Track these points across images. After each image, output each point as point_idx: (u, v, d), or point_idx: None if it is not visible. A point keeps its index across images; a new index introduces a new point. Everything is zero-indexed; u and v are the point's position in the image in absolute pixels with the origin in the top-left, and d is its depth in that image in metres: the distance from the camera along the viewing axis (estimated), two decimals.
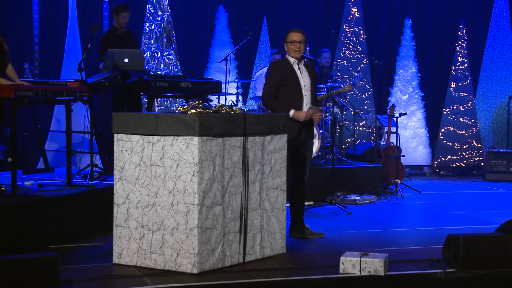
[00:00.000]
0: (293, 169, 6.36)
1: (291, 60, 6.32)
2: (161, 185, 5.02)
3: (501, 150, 11.52)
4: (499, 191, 10.12)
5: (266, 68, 10.34)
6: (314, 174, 8.69)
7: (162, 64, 10.71)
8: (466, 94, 12.21)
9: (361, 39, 11.99)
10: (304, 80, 6.29)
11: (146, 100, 8.23)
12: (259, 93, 9.95)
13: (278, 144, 5.59)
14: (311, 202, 8.48)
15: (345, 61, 11.94)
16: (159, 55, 10.71)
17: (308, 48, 8.78)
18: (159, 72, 10.41)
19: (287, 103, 6.19)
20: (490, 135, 12.43)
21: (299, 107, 6.22)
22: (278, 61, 6.47)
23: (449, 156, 12.09)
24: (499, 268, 5.10)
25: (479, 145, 12.13)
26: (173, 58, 10.73)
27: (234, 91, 10.47)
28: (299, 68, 6.29)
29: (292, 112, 6.15)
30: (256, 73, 10.84)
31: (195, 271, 4.90)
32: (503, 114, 12.20)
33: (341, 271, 4.97)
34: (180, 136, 4.94)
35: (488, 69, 12.45)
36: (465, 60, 12.26)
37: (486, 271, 5.06)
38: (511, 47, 12.38)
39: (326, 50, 10.68)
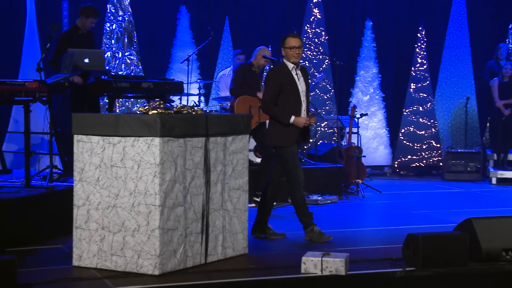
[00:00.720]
0: (273, 170, 6.38)
1: (290, 66, 6.29)
2: (122, 186, 4.98)
3: (459, 150, 11.71)
4: (457, 191, 10.29)
5: (229, 69, 10.35)
6: None
7: (123, 65, 10.63)
8: (425, 95, 12.38)
9: (322, 40, 12.08)
10: (301, 86, 6.30)
11: (107, 101, 8.15)
12: (222, 93, 9.95)
13: (240, 144, 5.60)
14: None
15: (307, 62, 12.00)
16: (120, 55, 10.63)
17: (270, 49, 8.83)
18: (120, 73, 10.32)
19: (286, 110, 6.20)
20: (448, 135, 12.63)
21: (297, 113, 6.24)
22: (278, 68, 6.37)
23: (409, 156, 12.25)
24: (457, 266, 5.19)
25: (438, 145, 12.31)
26: (135, 58, 10.65)
27: (196, 91, 10.44)
28: (296, 74, 6.29)
29: (293, 119, 6.17)
30: (218, 73, 10.83)
31: (156, 272, 4.87)
32: (461, 115, 12.41)
33: (302, 271, 5.00)
34: (141, 137, 4.91)
35: (446, 70, 12.65)
36: (425, 62, 12.43)
37: (445, 270, 5.13)
38: (469, 49, 12.60)
39: None
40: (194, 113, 5.25)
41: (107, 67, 9.55)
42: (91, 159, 5.09)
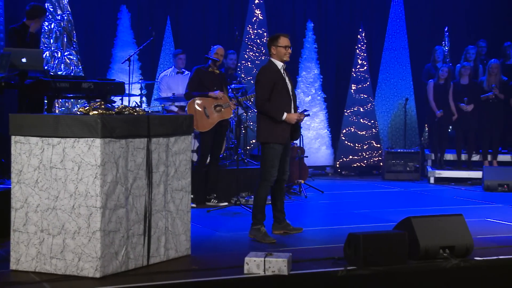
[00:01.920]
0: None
1: (279, 64, 6.41)
2: (62, 188, 4.89)
3: (399, 150, 11.94)
4: (397, 190, 10.49)
5: (170, 69, 10.29)
6: (219, 175, 8.72)
7: (62, 65, 10.44)
8: (366, 96, 12.57)
9: (264, 41, 12.12)
10: (289, 84, 6.45)
11: (46, 101, 7.98)
12: (164, 94, 9.88)
13: (182, 145, 5.57)
14: (217, 202, 8.50)
15: (249, 63, 12.04)
16: (59, 55, 10.43)
17: (211, 49, 8.82)
18: (59, 73, 10.13)
19: (278, 107, 6.33)
20: (388, 135, 12.86)
21: (288, 111, 6.38)
22: (268, 66, 6.46)
23: (350, 157, 12.41)
24: (396, 264, 5.28)
25: (378, 145, 12.52)
26: (74, 58, 10.48)
27: (138, 92, 10.34)
28: (283, 73, 6.41)
29: (285, 115, 6.31)
30: (160, 74, 10.75)
31: (97, 275, 4.81)
32: (400, 115, 12.65)
33: (245, 271, 5.01)
34: (81, 138, 4.84)
35: (386, 72, 12.87)
36: (365, 63, 12.63)
37: (385, 268, 5.23)
38: (407, 51, 12.86)
39: (232, 51, 10.74)
40: (135, 113, 5.20)
41: (45, 67, 9.35)
42: (30, 160, 4.98)
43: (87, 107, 5.00)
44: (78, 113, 5.03)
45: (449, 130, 11.80)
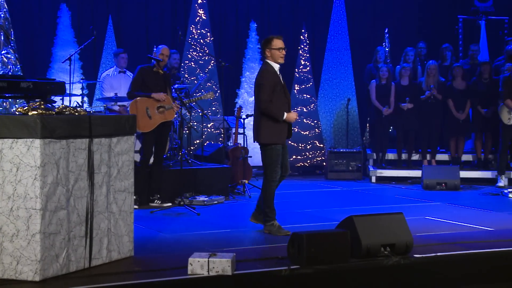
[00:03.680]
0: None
1: (276, 66, 6.67)
2: None
3: (341, 150, 12.07)
4: (339, 189, 10.61)
5: (112, 69, 10.15)
6: (162, 176, 8.65)
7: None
8: (309, 96, 12.69)
9: (208, 41, 12.11)
10: (284, 85, 6.72)
11: None
12: (107, 94, 9.75)
13: (125, 146, 5.50)
14: (160, 203, 8.44)
15: (192, 63, 12.00)
16: None
17: (155, 49, 8.76)
18: None
19: (279, 108, 6.59)
20: (331, 135, 13.00)
21: (287, 110, 6.67)
22: (267, 69, 6.66)
23: (293, 156, 12.50)
24: (339, 263, 5.35)
25: (322, 145, 12.65)
26: (12, 57, 10.24)
27: (79, 92, 10.18)
28: (279, 74, 6.65)
29: (285, 115, 6.61)
30: (102, 74, 10.60)
31: (37, 278, 4.71)
32: (343, 115, 12.81)
33: (189, 272, 4.99)
34: (20, 138, 4.73)
35: (328, 72, 13.01)
36: (308, 63, 12.74)
37: (327, 266, 5.28)
38: (349, 52, 13.03)
39: (174, 51, 10.68)
40: (77, 114, 5.12)
41: None
42: None
43: (26, 107, 4.90)
44: (17, 113, 4.92)
45: (390, 130, 12.01)
